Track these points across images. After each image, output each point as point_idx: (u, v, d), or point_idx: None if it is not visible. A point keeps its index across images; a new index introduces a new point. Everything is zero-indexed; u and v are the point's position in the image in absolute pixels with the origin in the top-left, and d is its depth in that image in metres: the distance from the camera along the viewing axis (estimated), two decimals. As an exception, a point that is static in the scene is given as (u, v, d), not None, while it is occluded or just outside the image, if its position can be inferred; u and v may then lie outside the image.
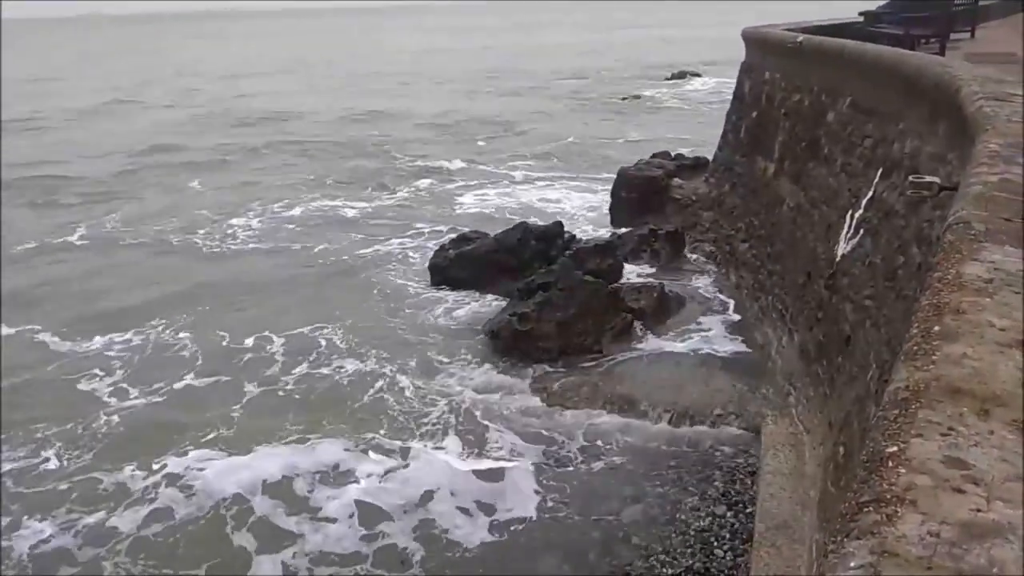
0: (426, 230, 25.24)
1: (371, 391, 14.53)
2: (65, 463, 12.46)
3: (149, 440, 13.00)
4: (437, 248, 20.07)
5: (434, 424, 13.34)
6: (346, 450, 12.61)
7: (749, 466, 11.43)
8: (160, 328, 17.62)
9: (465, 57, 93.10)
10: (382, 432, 13.13)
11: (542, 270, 16.74)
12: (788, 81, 15.89)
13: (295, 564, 10.22)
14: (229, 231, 25.94)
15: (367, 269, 21.64)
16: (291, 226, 26.29)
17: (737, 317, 16.64)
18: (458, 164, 35.92)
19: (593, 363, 14.77)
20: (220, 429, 13.36)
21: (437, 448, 12.67)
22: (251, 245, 24.60)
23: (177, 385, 15.07)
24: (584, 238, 20.57)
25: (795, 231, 13.73)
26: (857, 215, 10.71)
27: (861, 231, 10.42)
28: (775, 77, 16.90)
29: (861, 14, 20.92)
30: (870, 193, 10.40)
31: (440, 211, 28.04)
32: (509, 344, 14.97)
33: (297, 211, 28.19)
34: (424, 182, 32.42)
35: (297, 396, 14.55)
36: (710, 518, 10.47)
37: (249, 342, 16.70)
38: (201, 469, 12.10)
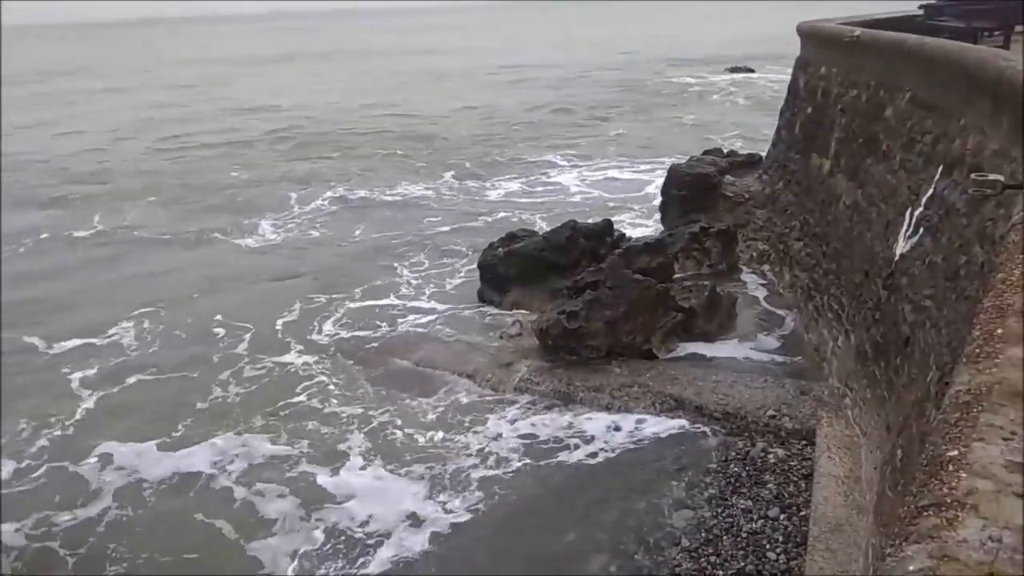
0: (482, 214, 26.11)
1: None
2: (31, 462, 12.75)
3: (108, 433, 13.44)
4: (486, 247, 20.17)
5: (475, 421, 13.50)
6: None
7: (803, 468, 11.25)
8: (142, 324, 18.19)
9: (500, 54, 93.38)
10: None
11: (591, 268, 16.69)
12: (845, 76, 15.55)
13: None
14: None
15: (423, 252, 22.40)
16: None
17: (791, 317, 16.36)
18: (542, 153, 36.81)
19: (642, 362, 14.68)
20: (181, 421, 13.75)
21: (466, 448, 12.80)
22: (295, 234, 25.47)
23: (139, 380, 15.52)
24: (634, 236, 20.46)
25: (852, 229, 13.45)
26: (917, 213, 10.45)
27: (921, 229, 10.16)
28: (831, 72, 16.56)
29: (921, 7, 20.42)
30: (930, 190, 10.13)
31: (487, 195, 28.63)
32: (557, 342, 14.97)
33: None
34: (472, 173, 33.03)
35: (265, 386, 15.00)
36: (762, 520, 10.33)
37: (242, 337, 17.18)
38: (143, 460, 12.54)
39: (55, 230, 26.50)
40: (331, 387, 14.99)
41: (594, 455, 12.31)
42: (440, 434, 13.16)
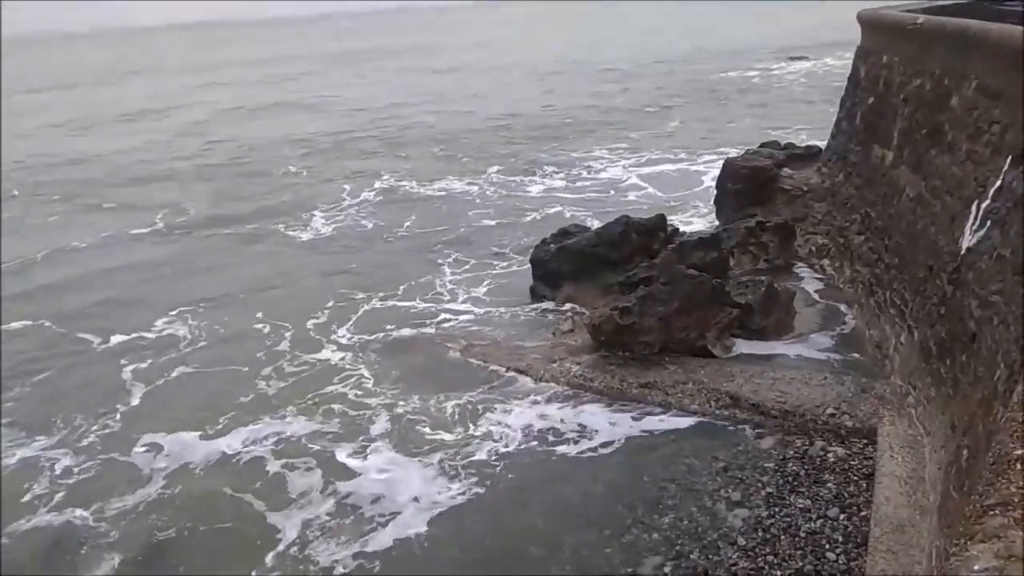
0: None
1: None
2: (78, 453, 13.55)
3: (156, 424, 14.22)
4: (538, 243, 20.19)
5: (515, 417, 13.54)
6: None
7: (864, 468, 11.00)
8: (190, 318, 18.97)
9: (543, 50, 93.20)
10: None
11: (644, 264, 16.56)
12: (908, 65, 15.10)
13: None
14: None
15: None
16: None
17: (851, 313, 15.99)
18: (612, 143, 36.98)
19: (697, 359, 14.50)
20: (220, 410, 14.50)
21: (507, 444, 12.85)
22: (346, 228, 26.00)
23: (184, 373, 16.27)
24: (688, 231, 20.23)
25: (915, 222, 13.07)
26: (984, 205, 10.10)
27: (988, 222, 9.82)
28: (893, 61, 16.09)
29: (989, -9, 19.65)
30: (998, 182, 9.79)
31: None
32: (610, 338, 14.90)
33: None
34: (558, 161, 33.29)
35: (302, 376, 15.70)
36: (821, 520, 10.14)
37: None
38: (187, 447, 13.41)
39: (118, 228, 27.49)
40: (374, 381, 15.34)
41: (643, 454, 12.20)
42: (489, 426, 13.38)
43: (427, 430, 13.45)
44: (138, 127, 52.06)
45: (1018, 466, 1.94)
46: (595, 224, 21.45)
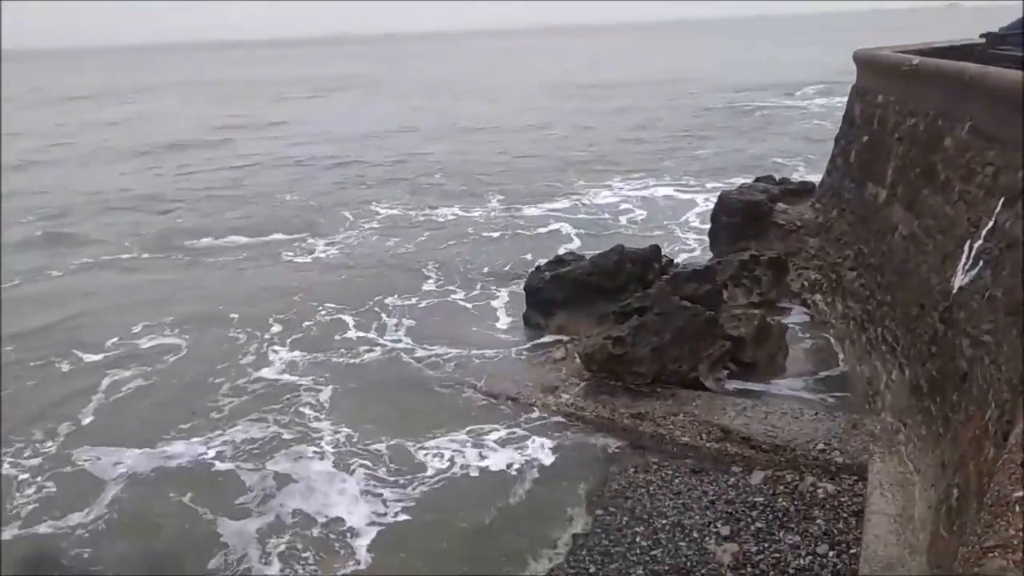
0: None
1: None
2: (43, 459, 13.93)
3: (113, 437, 14.52)
4: (532, 270, 20.20)
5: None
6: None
7: (854, 505, 10.94)
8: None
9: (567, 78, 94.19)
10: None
11: (638, 294, 16.58)
12: (902, 105, 15.30)
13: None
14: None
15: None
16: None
17: (842, 349, 16.01)
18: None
19: (689, 391, 14.47)
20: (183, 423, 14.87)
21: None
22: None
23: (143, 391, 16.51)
24: (682, 262, 20.29)
25: (908, 260, 13.15)
26: (976, 245, 10.18)
27: (980, 262, 9.90)
28: (888, 100, 16.31)
29: (983, 35, 20.01)
30: (991, 223, 9.88)
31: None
32: (603, 367, 14.87)
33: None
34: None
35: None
36: (810, 557, 10.07)
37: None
38: (139, 460, 13.71)
39: (109, 252, 27.47)
40: (355, 406, 15.36)
41: (630, 487, 12.08)
42: (469, 453, 13.43)
43: (393, 453, 13.57)
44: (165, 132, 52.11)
45: (1017, 508, 1.93)
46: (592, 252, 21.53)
